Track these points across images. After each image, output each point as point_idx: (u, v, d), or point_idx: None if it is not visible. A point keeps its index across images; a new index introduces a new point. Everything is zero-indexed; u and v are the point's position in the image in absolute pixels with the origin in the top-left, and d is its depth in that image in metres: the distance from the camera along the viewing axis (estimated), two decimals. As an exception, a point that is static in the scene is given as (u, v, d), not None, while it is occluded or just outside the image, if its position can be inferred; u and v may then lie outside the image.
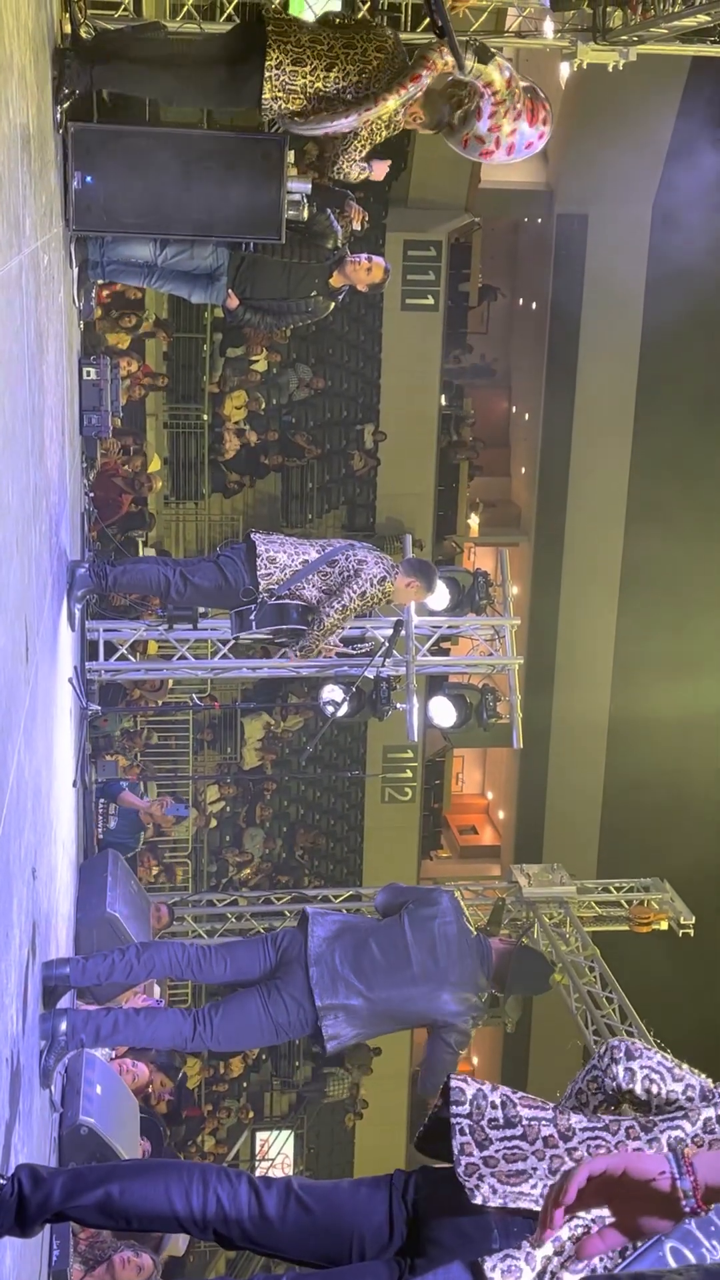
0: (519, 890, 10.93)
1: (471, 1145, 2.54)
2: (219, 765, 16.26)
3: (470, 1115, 2.59)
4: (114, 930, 6.18)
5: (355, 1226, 2.68)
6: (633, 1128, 2.52)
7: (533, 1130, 2.54)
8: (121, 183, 6.07)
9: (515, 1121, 2.56)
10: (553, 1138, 2.52)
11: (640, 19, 9.26)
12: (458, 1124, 2.58)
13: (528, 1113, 2.58)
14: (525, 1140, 2.52)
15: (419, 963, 4.84)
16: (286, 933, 5.02)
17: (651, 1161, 1.81)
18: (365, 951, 4.86)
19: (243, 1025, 4.80)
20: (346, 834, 18.16)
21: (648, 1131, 2.50)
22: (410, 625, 9.15)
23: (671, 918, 10.78)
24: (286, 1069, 17.56)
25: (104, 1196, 2.71)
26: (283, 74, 5.73)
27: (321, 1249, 2.68)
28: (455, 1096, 2.62)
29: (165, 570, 6.55)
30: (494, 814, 24.65)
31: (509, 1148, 2.52)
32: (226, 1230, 2.71)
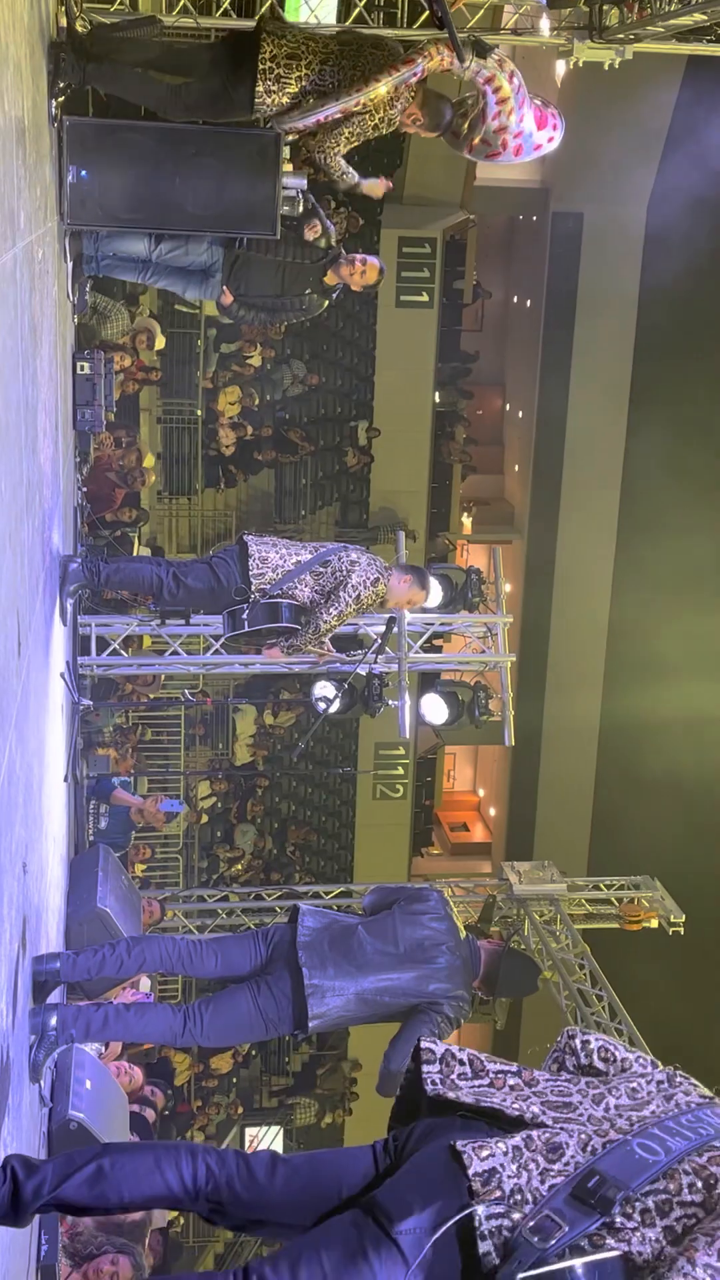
0: (510, 887, 10.94)
1: (442, 1092, 2.65)
2: (211, 761, 16.26)
3: (440, 1071, 2.70)
4: (104, 925, 6.18)
5: (341, 1181, 2.73)
6: (593, 1082, 2.66)
7: (500, 1080, 2.67)
8: (116, 177, 6.07)
9: (483, 1073, 2.68)
10: (519, 1085, 2.65)
11: (637, 17, 9.25)
12: (429, 1076, 2.68)
13: (494, 1066, 2.70)
14: (492, 1087, 2.65)
15: (408, 952, 4.85)
16: (277, 928, 5.03)
17: None
18: (354, 939, 4.88)
19: (233, 1021, 4.80)
20: (338, 830, 18.17)
21: (606, 1084, 2.64)
22: (403, 622, 9.15)
23: (662, 915, 10.80)
24: (276, 1064, 17.57)
25: (95, 1171, 2.75)
26: (277, 67, 5.76)
27: (311, 1207, 2.72)
28: (426, 1056, 2.72)
29: (158, 570, 6.56)
30: (485, 811, 24.67)
31: (478, 1093, 2.63)
32: (218, 1196, 2.75)
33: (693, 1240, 2.31)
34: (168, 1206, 2.91)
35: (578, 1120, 2.52)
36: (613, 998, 9.77)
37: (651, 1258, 2.33)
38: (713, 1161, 2.37)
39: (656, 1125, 2.45)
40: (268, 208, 6.34)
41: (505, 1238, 2.37)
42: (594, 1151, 2.44)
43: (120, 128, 6.28)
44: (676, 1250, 2.31)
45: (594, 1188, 2.35)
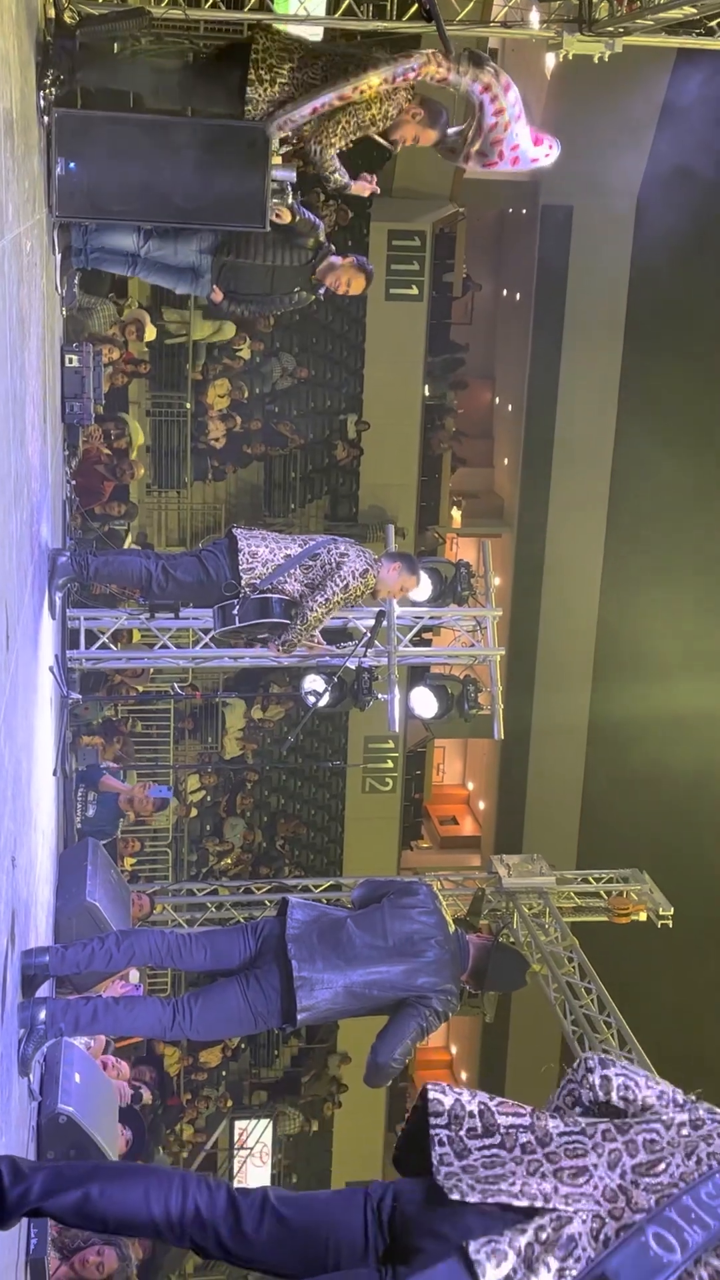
0: (499, 881, 10.96)
1: (450, 1156, 2.54)
2: (200, 754, 16.25)
3: (449, 1126, 2.59)
4: (94, 919, 6.18)
5: (332, 1237, 2.68)
6: (609, 1130, 2.53)
7: (511, 1138, 2.55)
8: (105, 169, 6.05)
9: (493, 1129, 2.57)
10: (530, 1144, 2.53)
11: (626, 10, 9.24)
12: (436, 1135, 2.57)
13: (505, 1120, 2.58)
14: (504, 1148, 2.53)
15: (397, 945, 4.84)
16: (266, 921, 5.03)
17: None
18: (343, 931, 4.87)
19: (222, 1014, 4.80)
20: (327, 824, 18.18)
21: (624, 1134, 2.51)
22: (392, 616, 9.15)
23: (650, 908, 10.83)
24: (265, 1058, 17.59)
25: (82, 1198, 2.71)
26: (269, 56, 5.78)
27: (298, 1260, 2.69)
28: (433, 1108, 2.61)
29: (147, 563, 6.54)
30: (474, 805, 24.70)
31: (487, 1156, 2.52)
32: (203, 1239, 2.71)
33: None
34: (150, 1237, 2.88)
35: (591, 1195, 2.42)
36: (601, 991, 9.79)
37: None
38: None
39: (674, 1206, 2.35)
40: (257, 200, 6.32)
41: None
42: (606, 1242, 2.35)
43: (108, 120, 6.25)
44: None
45: None
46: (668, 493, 16.87)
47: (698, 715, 15.33)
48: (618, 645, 18.56)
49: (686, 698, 15.40)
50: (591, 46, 9.79)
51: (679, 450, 16.53)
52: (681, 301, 17.06)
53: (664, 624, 16.51)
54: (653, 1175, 2.43)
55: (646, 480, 17.77)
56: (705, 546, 15.73)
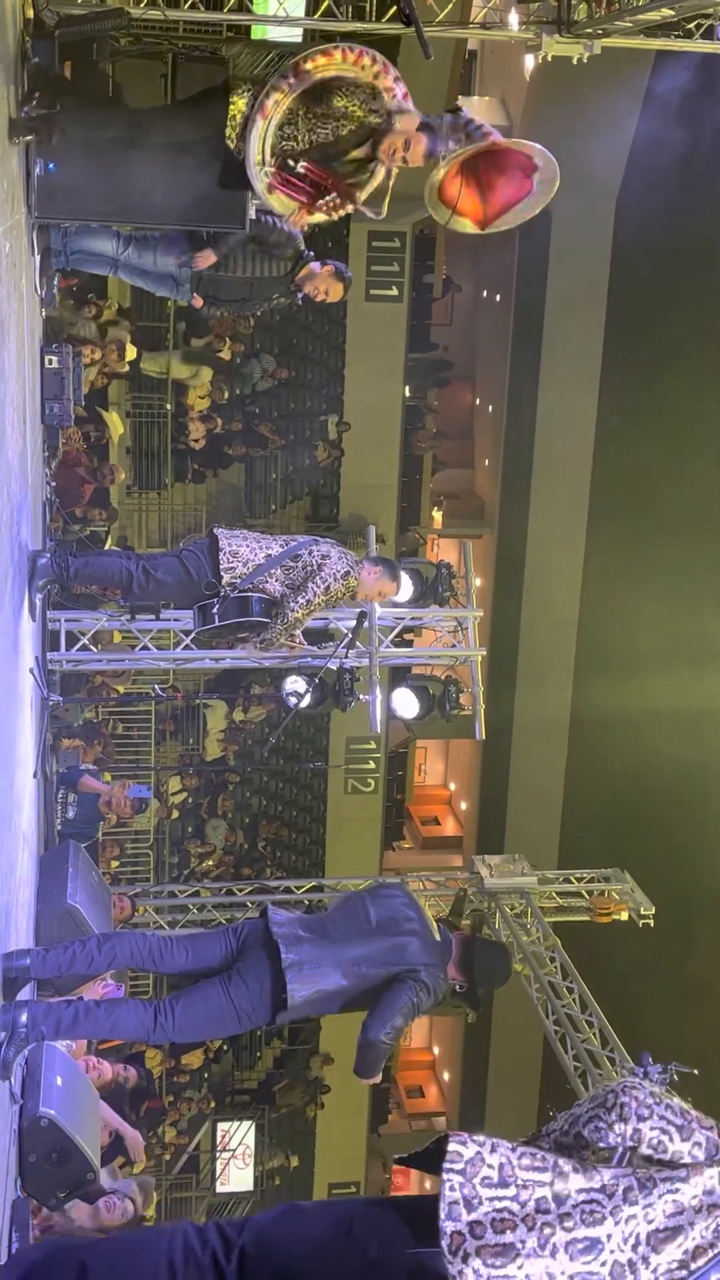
0: (481, 881, 10.97)
1: (460, 1208, 2.44)
2: (181, 756, 16.23)
3: (464, 1173, 2.48)
4: (75, 922, 6.16)
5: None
6: (631, 1189, 2.44)
7: (526, 1193, 2.46)
8: (85, 170, 6.03)
9: (509, 1182, 2.47)
10: (545, 1200, 2.44)
11: (605, 12, 9.28)
12: (448, 1180, 2.47)
13: (525, 1175, 2.47)
14: (517, 1202, 2.44)
15: (380, 925, 4.88)
16: (248, 922, 5.04)
17: None
18: (327, 920, 4.94)
19: (205, 1013, 4.76)
20: (309, 825, 18.17)
21: (645, 1195, 2.43)
22: (373, 617, 9.16)
23: (632, 908, 10.86)
24: (247, 1060, 17.57)
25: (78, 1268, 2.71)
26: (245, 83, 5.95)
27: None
28: (451, 1160, 2.50)
29: (127, 564, 6.53)
30: (456, 805, 24.73)
31: (498, 1211, 2.43)
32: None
33: None
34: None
35: (598, 1275, 2.37)
36: (583, 990, 9.81)
37: None
38: None
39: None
40: (237, 201, 6.32)
41: None
42: None
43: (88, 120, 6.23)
44: None
45: None
46: (648, 492, 16.92)
47: (678, 712, 15.39)
48: (598, 644, 18.61)
49: (667, 695, 15.45)
50: (570, 48, 9.83)
51: (660, 449, 16.59)
52: (661, 301, 17.11)
53: (644, 623, 16.56)
54: (664, 1250, 2.38)
55: (627, 479, 17.82)
56: (685, 545, 15.78)
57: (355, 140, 6.03)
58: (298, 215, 6.17)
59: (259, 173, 5.97)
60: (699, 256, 15.90)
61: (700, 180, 16.04)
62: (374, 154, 6.06)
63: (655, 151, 17.01)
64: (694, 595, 15.40)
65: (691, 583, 15.54)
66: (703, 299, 15.77)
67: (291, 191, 6.05)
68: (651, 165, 17.18)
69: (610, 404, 18.77)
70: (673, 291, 16.70)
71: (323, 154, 6.00)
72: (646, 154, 17.32)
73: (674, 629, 15.76)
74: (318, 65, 5.87)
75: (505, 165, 6.06)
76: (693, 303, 16.04)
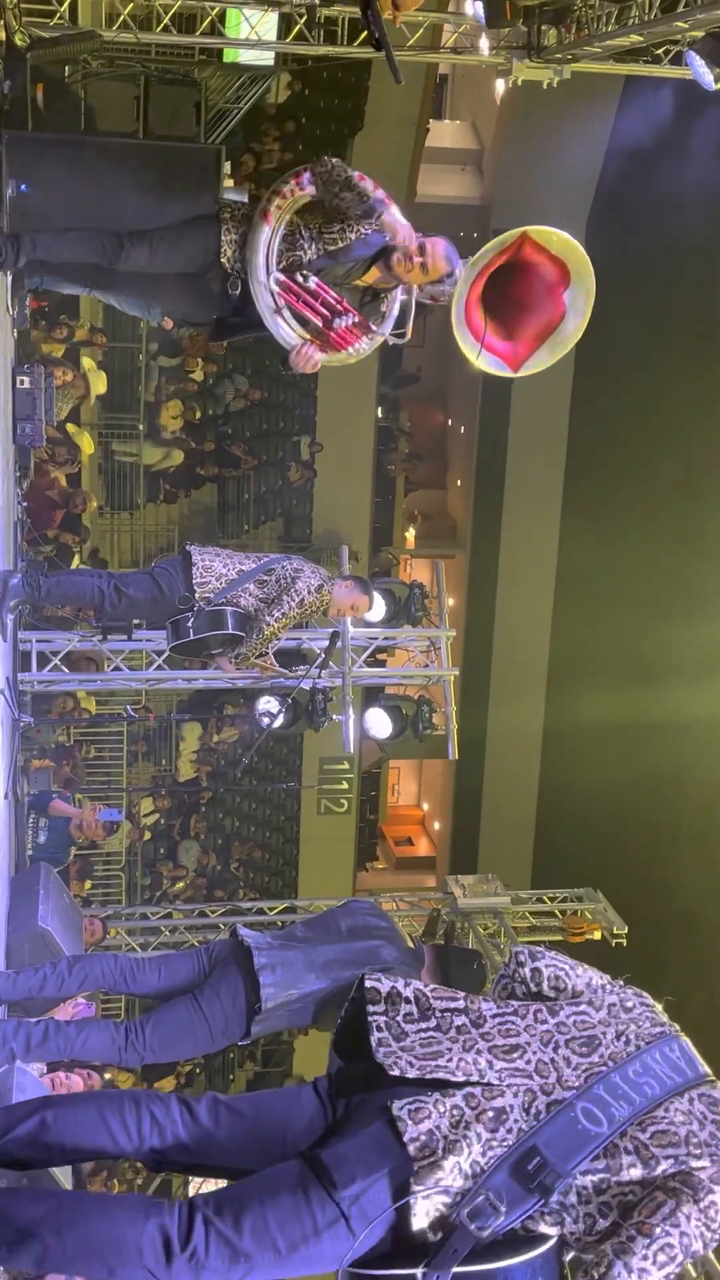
0: (454, 901, 10.96)
1: (389, 1039, 2.61)
2: (153, 777, 16.16)
3: (386, 1012, 2.66)
4: (46, 944, 6.12)
5: (286, 1124, 2.72)
6: (540, 1011, 2.62)
7: (446, 1020, 2.63)
8: (57, 191, 6.04)
9: (429, 1013, 2.64)
10: (465, 1025, 2.61)
11: (574, 38, 9.37)
12: (374, 1020, 2.64)
13: (440, 1004, 2.66)
14: (439, 1030, 2.61)
15: (351, 932, 4.90)
16: (219, 942, 5.03)
17: None
18: (298, 930, 4.97)
19: (177, 1030, 4.71)
20: (282, 846, 18.12)
21: (555, 1015, 2.61)
22: (346, 636, 9.16)
23: (605, 927, 10.87)
24: (220, 1083, 17.46)
25: (39, 1123, 2.72)
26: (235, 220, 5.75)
27: (256, 1150, 2.70)
28: (370, 995, 2.68)
29: (99, 582, 6.52)
30: (429, 825, 24.71)
31: (424, 1038, 2.60)
32: (161, 1143, 2.72)
33: (630, 1239, 2.33)
34: (112, 1157, 2.88)
35: (523, 1072, 2.51)
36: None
37: (583, 1232, 2.38)
38: (654, 1140, 2.40)
39: (602, 1083, 2.46)
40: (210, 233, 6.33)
41: (442, 1213, 2.39)
42: (537, 1115, 2.44)
43: (60, 141, 6.26)
44: (612, 1245, 2.34)
45: (534, 1170, 2.36)
46: (620, 509, 17.01)
47: (650, 728, 15.44)
48: (570, 663, 18.67)
49: (641, 715, 15.50)
50: (540, 73, 9.92)
51: (630, 470, 16.69)
52: (630, 325, 17.23)
53: (616, 642, 16.62)
54: (583, 1054, 2.53)
55: (598, 498, 17.91)
56: (655, 564, 15.87)
57: (366, 255, 5.59)
58: (307, 349, 5.70)
59: (264, 284, 5.55)
60: (666, 273, 16.04)
61: (669, 200, 16.19)
62: (387, 270, 5.64)
63: (625, 174, 17.17)
64: (663, 612, 15.48)
65: (661, 599, 15.63)
66: (670, 310, 15.92)
67: (305, 309, 5.56)
68: (622, 187, 17.33)
69: (581, 425, 18.88)
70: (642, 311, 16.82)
71: (333, 277, 5.57)
72: (617, 176, 17.47)
73: (644, 645, 15.83)
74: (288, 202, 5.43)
75: (530, 293, 5.67)
76: (663, 323, 16.17)
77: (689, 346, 15.45)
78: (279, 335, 5.74)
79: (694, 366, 15.24)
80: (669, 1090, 2.46)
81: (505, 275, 5.53)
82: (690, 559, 15.22)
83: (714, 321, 15.19)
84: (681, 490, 15.51)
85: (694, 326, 15.48)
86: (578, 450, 18.93)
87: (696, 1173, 2.36)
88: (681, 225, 15.82)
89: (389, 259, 5.55)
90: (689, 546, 15.31)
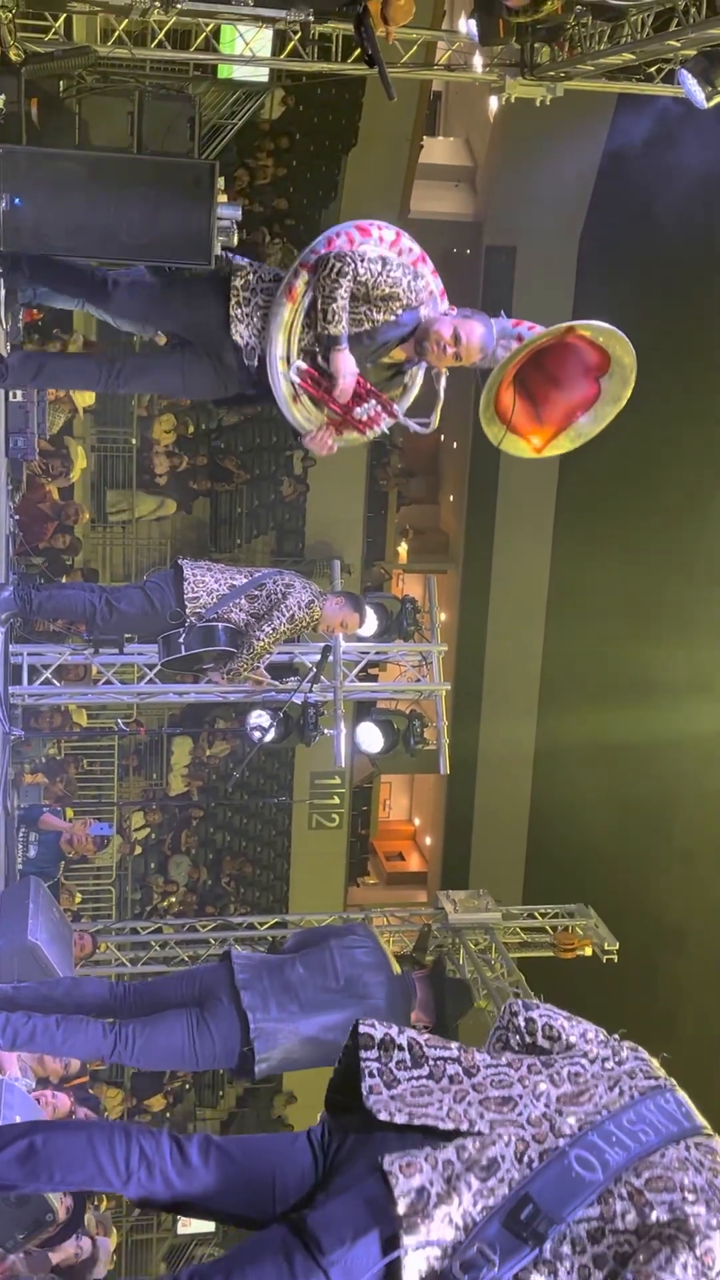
0: (445, 916, 10.93)
1: (380, 1086, 2.58)
2: (144, 791, 16.12)
3: (379, 1059, 2.62)
4: (35, 959, 6.09)
5: (276, 1172, 2.69)
6: (534, 1065, 2.59)
7: (439, 1069, 2.60)
8: (51, 205, 6.04)
9: (422, 1061, 2.62)
10: (458, 1075, 2.58)
11: (567, 56, 9.41)
12: (366, 1067, 2.60)
13: (434, 1053, 2.63)
14: (432, 1079, 2.58)
15: (347, 985, 4.83)
16: (209, 967, 4.98)
17: None
18: (293, 974, 4.84)
19: (165, 1049, 4.73)
20: (273, 861, 18.07)
21: (549, 1067, 2.58)
22: (338, 651, 9.15)
23: (596, 943, 10.84)
24: (210, 1099, 17.39)
25: (27, 1147, 2.71)
26: None
27: (245, 1196, 2.68)
28: (363, 1041, 2.64)
29: (90, 596, 6.52)
30: (421, 840, 24.67)
31: (416, 1085, 2.57)
32: (150, 1180, 2.70)
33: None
34: (100, 1189, 2.86)
35: (516, 1122, 2.48)
36: (548, 1026, 9.76)
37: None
38: (649, 1186, 2.34)
39: (596, 1131, 2.42)
40: (203, 237, 6.34)
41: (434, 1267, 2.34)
42: (530, 1164, 2.40)
43: (55, 156, 6.26)
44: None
45: (527, 1219, 2.31)
46: (612, 525, 17.04)
47: (641, 744, 15.45)
48: (563, 678, 18.68)
49: (632, 732, 15.51)
50: (533, 90, 9.96)
51: (622, 489, 16.72)
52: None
53: (609, 659, 16.63)
54: (577, 1104, 2.49)
55: (591, 514, 17.94)
56: (647, 583, 15.89)
57: (396, 336, 5.23)
58: (322, 434, 5.25)
59: (283, 373, 5.12)
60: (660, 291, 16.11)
61: (661, 218, 16.26)
62: (417, 353, 5.33)
63: (618, 191, 17.24)
64: (655, 630, 15.49)
65: (652, 617, 15.64)
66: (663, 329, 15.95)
67: (326, 398, 5.12)
68: (614, 205, 17.40)
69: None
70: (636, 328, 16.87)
71: (356, 355, 5.13)
72: (609, 194, 17.54)
73: (636, 662, 15.84)
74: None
75: (564, 369, 5.24)
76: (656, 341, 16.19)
77: (682, 366, 15.50)
78: (293, 421, 5.29)
79: (687, 386, 15.29)
80: (665, 1138, 2.42)
81: (539, 351, 5.12)
82: (682, 578, 15.25)
83: (707, 340, 15.25)
84: (673, 510, 15.56)
85: (687, 345, 15.53)
86: (570, 468, 18.96)
87: (692, 1219, 2.30)
88: (674, 243, 15.89)
89: (420, 340, 5.25)
90: (680, 566, 15.35)
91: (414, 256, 5.28)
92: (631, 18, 8.28)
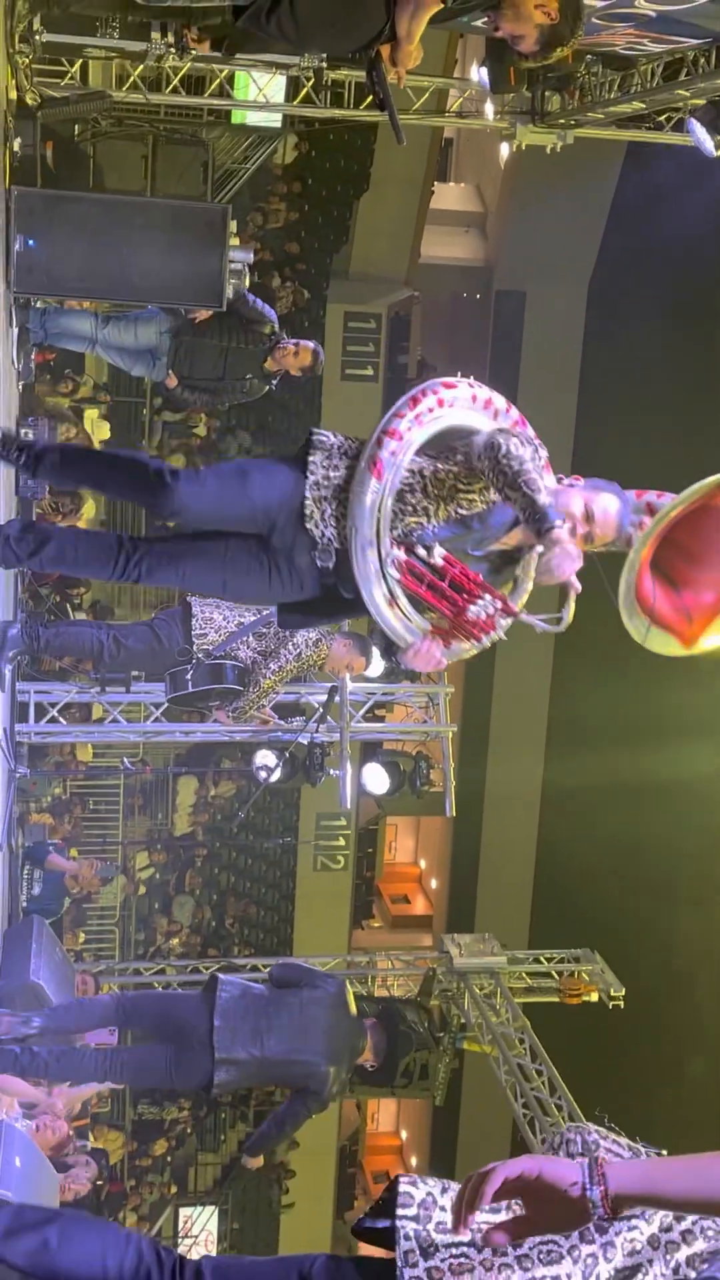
0: (450, 960, 10.86)
1: (416, 1254, 2.37)
2: (149, 831, 16.07)
3: (417, 1219, 2.41)
4: (37, 998, 6.07)
5: None
6: (587, 1229, 2.33)
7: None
8: (64, 247, 6.12)
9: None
10: (503, 1245, 2.35)
11: (577, 104, 9.51)
12: (403, 1228, 2.40)
13: (480, 1217, 2.31)
14: (473, 1247, 2.35)
15: (306, 1033, 5.46)
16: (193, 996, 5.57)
17: (566, 1169, 1.88)
18: (264, 1015, 5.43)
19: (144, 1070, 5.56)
20: (278, 902, 17.98)
21: (603, 1233, 2.35)
22: (345, 691, 9.15)
23: (601, 989, 10.75)
24: (211, 1143, 17.24)
25: (41, 1244, 2.68)
26: None
27: None
28: (403, 1200, 2.44)
29: (98, 634, 6.54)
30: (426, 883, 24.54)
31: (455, 1256, 2.35)
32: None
33: None
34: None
35: None
36: (552, 1073, 9.68)
37: None
38: None
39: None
40: (214, 280, 6.40)
41: None
42: None
43: (69, 199, 6.34)
44: None
45: None
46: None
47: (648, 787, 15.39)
48: (570, 720, 18.62)
49: (641, 774, 15.46)
50: (544, 138, 10.07)
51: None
52: (633, 387, 17.37)
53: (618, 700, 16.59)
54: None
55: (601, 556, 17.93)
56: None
57: (511, 518, 4.12)
58: (428, 646, 4.04)
59: (377, 568, 3.91)
60: (669, 338, 16.19)
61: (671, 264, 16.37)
62: (535, 536, 4.02)
63: (627, 237, 17.37)
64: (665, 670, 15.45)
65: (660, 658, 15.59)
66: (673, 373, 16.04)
67: (432, 597, 3.95)
68: (624, 251, 17.53)
69: (583, 472, 18.95)
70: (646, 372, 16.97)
71: (461, 544, 4.08)
72: (619, 240, 17.67)
73: (644, 704, 15.80)
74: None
75: (698, 539, 3.97)
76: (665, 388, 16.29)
77: (693, 409, 15.56)
78: (391, 630, 4.04)
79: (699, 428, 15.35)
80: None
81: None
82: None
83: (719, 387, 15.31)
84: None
85: (698, 390, 15.60)
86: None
87: None
88: (683, 290, 15.99)
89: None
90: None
91: (515, 418, 4.31)
92: (641, 67, 8.38)
